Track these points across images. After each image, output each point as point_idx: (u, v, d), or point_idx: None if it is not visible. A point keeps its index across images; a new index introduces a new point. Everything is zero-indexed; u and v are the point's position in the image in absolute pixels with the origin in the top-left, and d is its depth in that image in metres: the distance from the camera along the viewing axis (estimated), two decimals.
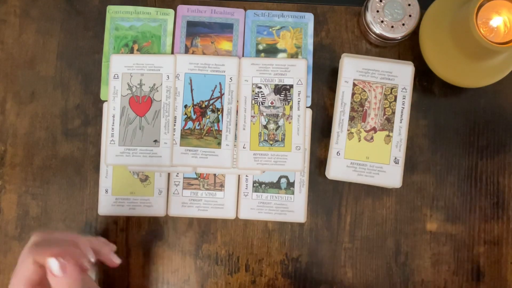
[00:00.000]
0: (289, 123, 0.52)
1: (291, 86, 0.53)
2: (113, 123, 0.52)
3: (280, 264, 0.52)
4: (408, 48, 0.54)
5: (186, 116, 0.53)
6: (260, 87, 0.53)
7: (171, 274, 0.52)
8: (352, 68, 0.51)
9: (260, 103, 0.53)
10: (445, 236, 0.53)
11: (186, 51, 0.54)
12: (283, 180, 0.53)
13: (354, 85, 0.51)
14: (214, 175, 0.53)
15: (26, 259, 0.38)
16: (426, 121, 0.54)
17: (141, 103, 0.53)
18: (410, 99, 0.51)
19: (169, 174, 0.53)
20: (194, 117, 0.53)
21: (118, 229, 0.53)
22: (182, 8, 0.55)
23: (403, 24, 0.51)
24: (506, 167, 0.53)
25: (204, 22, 0.54)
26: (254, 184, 0.53)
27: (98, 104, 0.54)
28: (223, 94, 0.53)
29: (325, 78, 0.54)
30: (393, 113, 0.51)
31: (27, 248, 0.39)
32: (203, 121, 0.53)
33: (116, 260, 0.45)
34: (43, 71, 0.54)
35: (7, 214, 0.52)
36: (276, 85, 0.53)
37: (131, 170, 0.53)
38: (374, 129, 0.51)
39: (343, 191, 0.53)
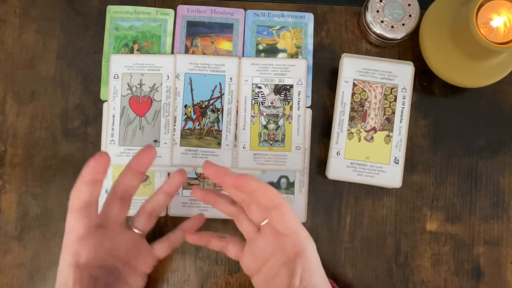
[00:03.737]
0: (289, 123, 0.52)
1: (291, 86, 0.53)
2: (113, 123, 0.52)
3: None
4: (408, 48, 0.54)
5: (186, 116, 0.53)
6: (260, 87, 0.53)
7: (171, 274, 0.52)
8: (352, 68, 0.51)
9: (260, 103, 0.53)
10: (445, 236, 0.53)
11: (186, 51, 0.54)
12: (283, 180, 0.53)
13: (354, 85, 0.51)
14: None
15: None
16: (426, 121, 0.54)
17: (141, 103, 0.53)
18: (410, 99, 0.51)
19: (169, 174, 0.53)
20: (194, 117, 0.53)
21: None
22: (182, 8, 0.55)
23: (403, 24, 0.51)
24: (506, 167, 0.53)
25: (204, 22, 0.54)
26: None
27: (98, 104, 0.54)
28: (223, 94, 0.53)
29: (325, 78, 0.54)
30: (393, 113, 0.51)
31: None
32: (203, 121, 0.53)
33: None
34: (43, 71, 0.54)
35: (7, 214, 0.52)
36: (276, 85, 0.53)
37: None
38: (374, 129, 0.51)
39: (343, 191, 0.53)
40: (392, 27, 0.51)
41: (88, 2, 0.55)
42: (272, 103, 0.53)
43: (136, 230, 0.46)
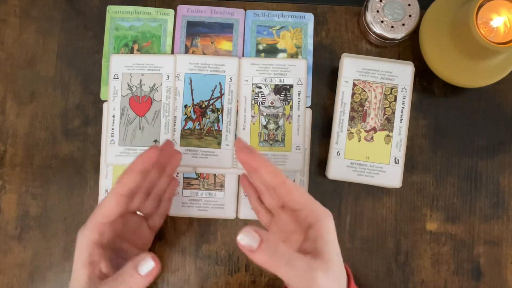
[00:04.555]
0: (289, 123, 0.52)
1: (291, 86, 0.53)
2: (113, 123, 0.52)
3: None
4: (408, 48, 0.54)
5: (186, 116, 0.53)
6: (260, 87, 0.53)
7: (171, 274, 0.52)
8: (352, 68, 0.51)
9: (260, 103, 0.53)
10: (445, 236, 0.53)
11: (186, 51, 0.54)
12: None
13: (354, 85, 0.51)
14: (214, 175, 0.53)
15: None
16: (426, 121, 0.54)
17: (141, 103, 0.53)
18: (410, 99, 0.51)
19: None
20: (194, 117, 0.53)
21: None
22: (182, 8, 0.55)
23: (403, 24, 0.51)
24: (506, 167, 0.53)
25: (204, 22, 0.54)
26: None
27: (98, 104, 0.54)
28: (223, 94, 0.53)
29: (325, 78, 0.54)
30: (393, 113, 0.51)
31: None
32: (203, 121, 0.53)
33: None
34: (43, 71, 0.54)
35: (7, 214, 0.52)
36: (276, 85, 0.53)
37: None
38: (374, 129, 0.51)
39: (343, 191, 0.53)
40: (392, 27, 0.51)
41: (88, 2, 0.55)
42: (272, 103, 0.53)
43: (139, 213, 0.47)
